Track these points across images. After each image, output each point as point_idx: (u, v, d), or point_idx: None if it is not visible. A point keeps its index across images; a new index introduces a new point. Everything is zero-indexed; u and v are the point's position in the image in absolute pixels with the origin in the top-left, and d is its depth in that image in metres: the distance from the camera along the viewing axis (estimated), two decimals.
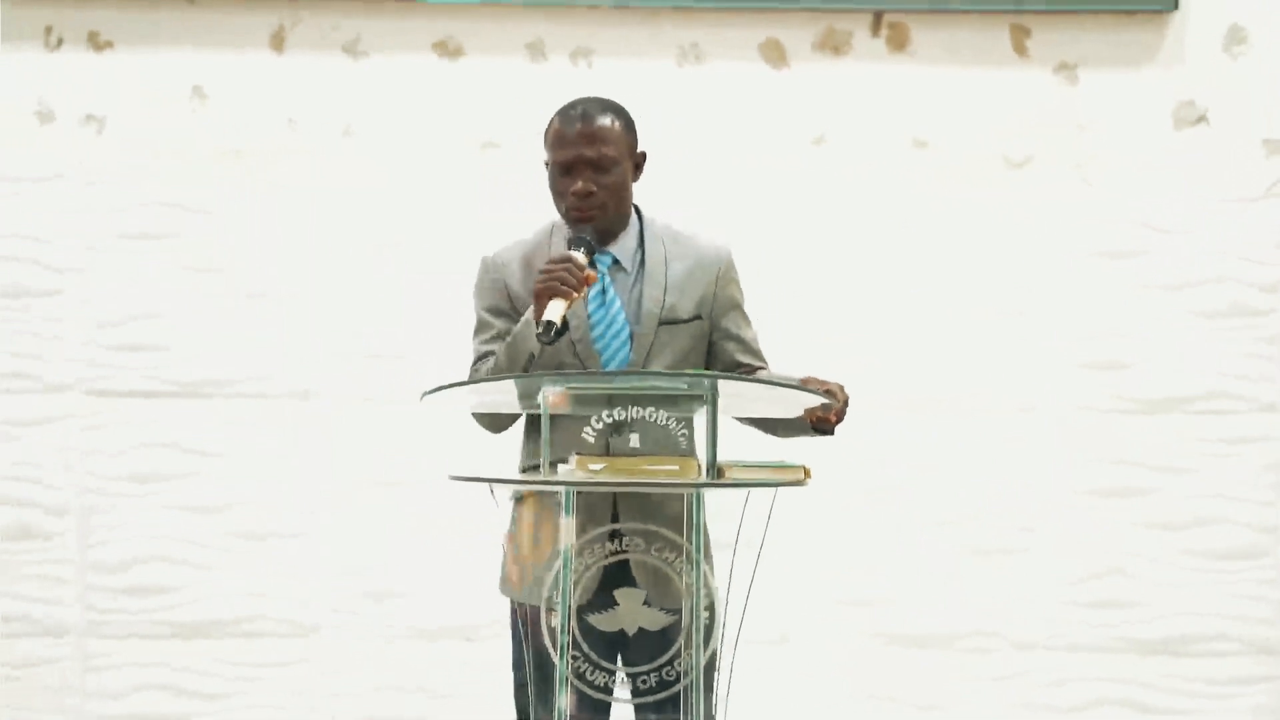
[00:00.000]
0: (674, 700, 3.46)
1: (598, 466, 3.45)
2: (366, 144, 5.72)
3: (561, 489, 3.41)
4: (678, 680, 3.46)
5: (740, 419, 3.82)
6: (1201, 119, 5.75)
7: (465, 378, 3.83)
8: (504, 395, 3.60)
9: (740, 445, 3.76)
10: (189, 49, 5.72)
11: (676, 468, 3.45)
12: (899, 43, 5.75)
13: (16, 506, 5.70)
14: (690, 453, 3.50)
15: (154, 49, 5.72)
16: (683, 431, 3.47)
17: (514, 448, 3.93)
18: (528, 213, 5.69)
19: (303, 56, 5.73)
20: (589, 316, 3.78)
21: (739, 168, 5.73)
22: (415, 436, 5.60)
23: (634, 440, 3.47)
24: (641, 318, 3.79)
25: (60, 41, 5.72)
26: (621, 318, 3.79)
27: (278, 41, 5.74)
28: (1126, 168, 5.75)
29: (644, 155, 3.87)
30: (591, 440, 3.44)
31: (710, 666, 3.49)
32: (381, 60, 5.74)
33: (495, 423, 3.82)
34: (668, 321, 3.81)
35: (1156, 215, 5.74)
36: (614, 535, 3.48)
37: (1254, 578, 5.74)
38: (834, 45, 5.76)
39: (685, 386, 3.46)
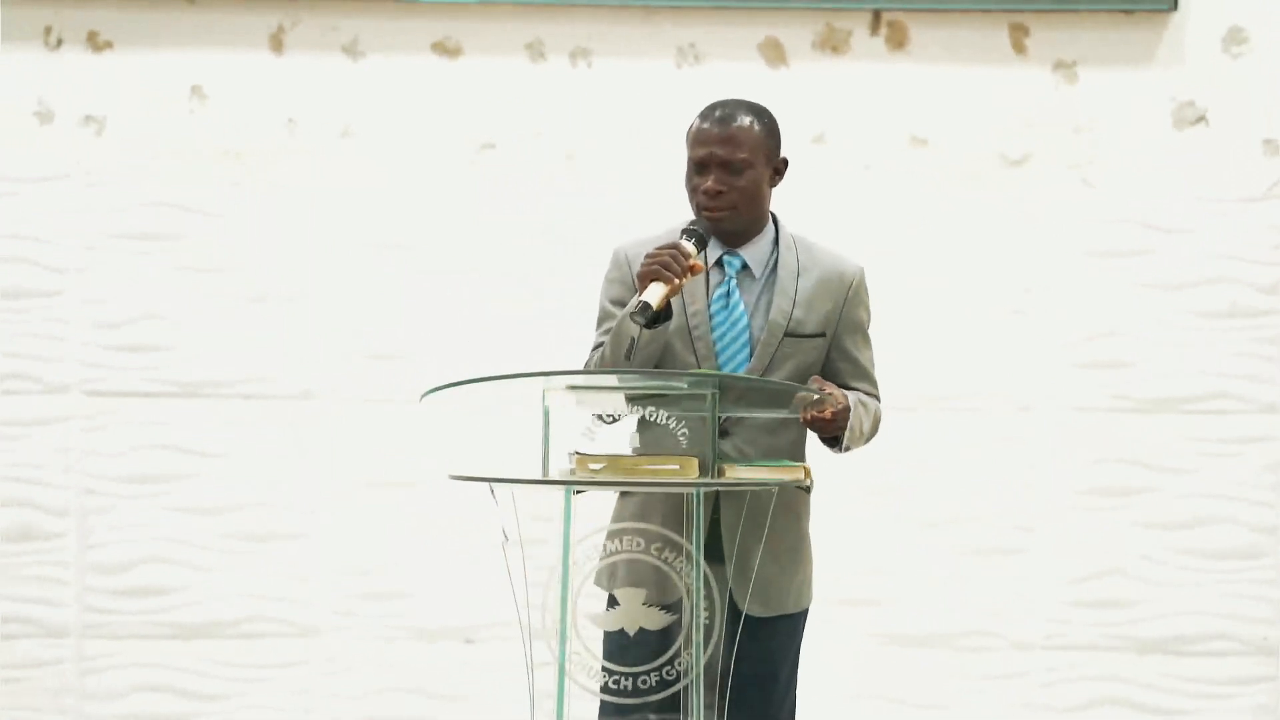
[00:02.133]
0: (674, 700, 3.47)
1: (598, 466, 3.45)
2: (365, 144, 5.72)
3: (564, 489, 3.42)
4: (678, 680, 3.46)
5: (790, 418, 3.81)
6: (1201, 119, 5.75)
7: (465, 376, 3.82)
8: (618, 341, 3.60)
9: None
10: (188, 49, 5.72)
11: (677, 467, 3.46)
12: (898, 41, 5.75)
13: (16, 507, 5.70)
14: (692, 452, 3.49)
15: (153, 49, 5.72)
16: (683, 431, 3.48)
17: (514, 448, 3.93)
18: (526, 213, 5.73)
19: (302, 57, 5.73)
20: (711, 316, 3.77)
21: None
22: (415, 436, 5.61)
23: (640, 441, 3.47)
24: (767, 327, 3.77)
25: (60, 42, 5.72)
26: (744, 322, 3.78)
27: (277, 42, 5.74)
28: (1126, 167, 5.75)
29: (785, 162, 3.84)
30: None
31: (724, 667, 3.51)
32: (380, 60, 5.74)
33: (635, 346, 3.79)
34: (793, 334, 3.78)
35: (1156, 215, 5.74)
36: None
37: (1253, 578, 5.74)
38: (833, 44, 5.76)
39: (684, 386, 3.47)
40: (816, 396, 3.55)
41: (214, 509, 5.71)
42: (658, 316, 3.57)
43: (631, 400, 3.48)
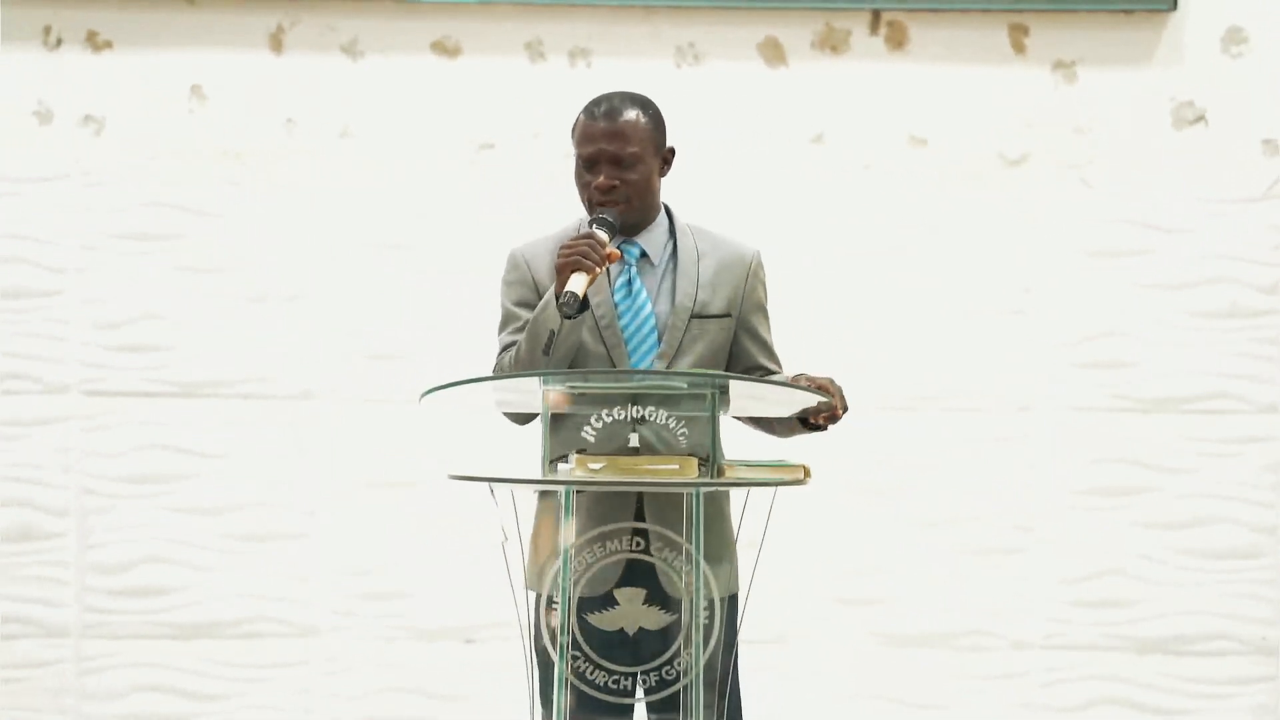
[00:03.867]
0: (674, 700, 3.47)
1: (597, 466, 3.45)
2: (365, 144, 5.72)
3: (561, 489, 3.42)
4: (677, 680, 3.46)
5: (738, 418, 3.82)
6: (1200, 119, 5.75)
7: (465, 376, 3.82)
8: (518, 393, 3.60)
9: (740, 445, 3.77)
10: (188, 49, 5.72)
11: (676, 467, 3.46)
12: (897, 41, 5.76)
13: (16, 507, 5.70)
14: (691, 452, 3.50)
15: (153, 49, 5.72)
16: (682, 431, 3.48)
17: (514, 448, 3.93)
18: (526, 212, 5.72)
19: (301, 57, 5.74)
20: (615, 305, 3.79)
21: (738, 167, 5.73)
22: (415, 436, 5.61)
23: (634, 440, 3.48)
24: (674, 310, 3.79)
25: (59, 42, 5.73)
26: (648, 308, 3.80)
27: (276, 42, 5.74)
28: (1125, 167, 5.75)
29: (673, 151, 3.87)
30: (592, 439, 3.44)
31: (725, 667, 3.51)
32: (380, 60, 5.74)
33: (523, 418, 3.82)
34: (699, 315, 3.81)
35: (1155, 215, 5.74)
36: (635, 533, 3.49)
37: (1253, 578, 5.74)
38: (832, 44, 5.76)
39: (685, 386, 3.47)
40: (823, 399, 3.55)
41: (214, 509, 5.71)
42: (582, 306, 3.60)
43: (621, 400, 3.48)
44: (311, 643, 5.73)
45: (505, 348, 3.81)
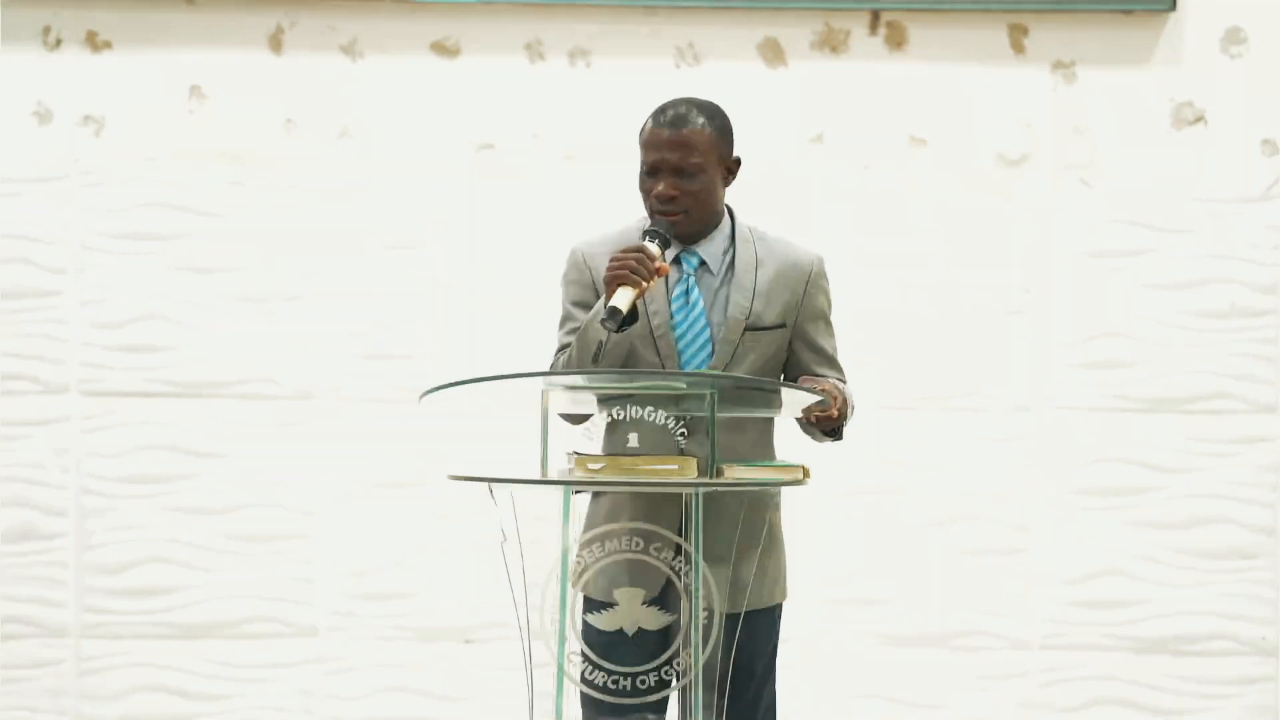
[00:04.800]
0: (676, 700, 3.47)
1: (597, 466, 3.45)
2: (364, 144, 5.72)
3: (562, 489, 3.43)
4: (677, 680, 3.46)
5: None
6: (1200, 119, 5.75)
7: (464, 376, 3.82)
8: (572, 398, 3.60)
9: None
10: (187, 50, 5.72)
11: (676, 467, 3.46)
12: (897, 41, 5.76)
13: (16, 507, 5.70)
14: (691, 452, 3.50)
15: (152, 49, 5.72)
16: (681, 431, 3.48)
17: (513, 448, 3.93)
18: (526, 212, 5.73)
19: (300, 57, 5.74)
20: (672, 315, 3.78)
21: None
22: (415, 436, 5.61)
23: (633, 440, 3.48)
24: (727, 322, 3.78)
25: (59, 42, 5.73)
26: (704, 319, 3.78)
27: (276, 42, 5.74)
28: (1124, 167, 5.75)
29: (738, 161, 3.85)
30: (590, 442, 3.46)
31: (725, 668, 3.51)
32: (379, 61, 5.74)
33: (576, 419, 3.80)
34: (753, 328, 3.79)
35: (1155, 215, 5.74)
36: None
37: (1252, 578, 5.74)
38: (832, 44, 5.76)
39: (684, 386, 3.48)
40: (819, 398, 3.55)
41: (214, 509, 5.71)
42: (625, 320, 3.59)
43: (620, 400, 3.48)
44: (311, 643, 5.73)
45: (561, 348, 3.80)
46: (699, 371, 3.75)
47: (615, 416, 3.46)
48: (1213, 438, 5.74)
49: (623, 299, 3.57)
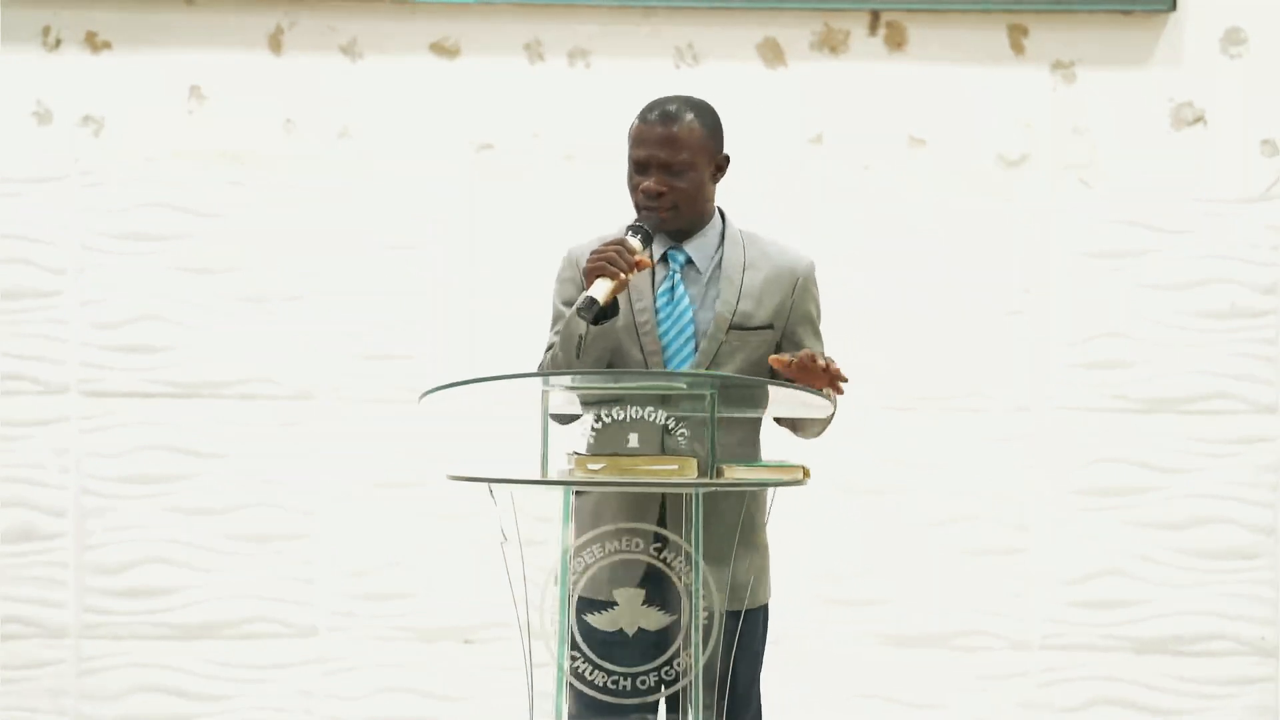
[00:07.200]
0: (674, 701, 3.47)
1: (597, 466, 3.45)
2: (364, 144, 5.72)
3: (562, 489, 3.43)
4: (677, 680, 3.46)
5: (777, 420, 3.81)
6: (1199, 119, 5.75)
7: (464, 377, 3.82)
8: (570, 398, 3.60)
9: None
10: (187, 50, 5.72)
11: (676, 467, 3.46)
12: (896, 41, 5.76)
13: (15, 508, 5.70)
14: (692, 452, 3.50)
15: (152, 50, 5.72)
16: (682, 431, 3.48)
17: (513, 448, 3.93)
18: (525, 213, 5.73)
19: (300, 57, 5.74)
20: (657, 311, 3.78)
21: (737, 167, 5.70)
22: (415, 436, 5.61)
23: (633, 440, 3.48)
24: (713, 320, 3.78)
25: (58, 42, 5.73)
26: (688, 316, 3.79)
27: (275, 42, 5.74)
28: (1124, 168, 5.75)
29: (727, 158, 3.85)
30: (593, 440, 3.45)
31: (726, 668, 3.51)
32: (379, 61, 5.74)
33: (566, 419, 3.80)
34: (738, 327, 3.79)
35: (1155, 215, 5.74)
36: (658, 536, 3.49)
37: (1252, 578, 5.74)
38: (831, 44, 5.76)
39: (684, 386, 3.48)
40: (821, 396, 3.55)
41: (214, 509, 5.71)
42: (604, 312, 3.59)
43: (616, 400, 3.48)
44: (311, 643, 5.73)
45: (549, 347, 3.80)
46: (699, 372, 3.75)
47: (615, 417, 3.46)
48: (1212, 438, 5.74)
49: (599, 290, 3.58)
